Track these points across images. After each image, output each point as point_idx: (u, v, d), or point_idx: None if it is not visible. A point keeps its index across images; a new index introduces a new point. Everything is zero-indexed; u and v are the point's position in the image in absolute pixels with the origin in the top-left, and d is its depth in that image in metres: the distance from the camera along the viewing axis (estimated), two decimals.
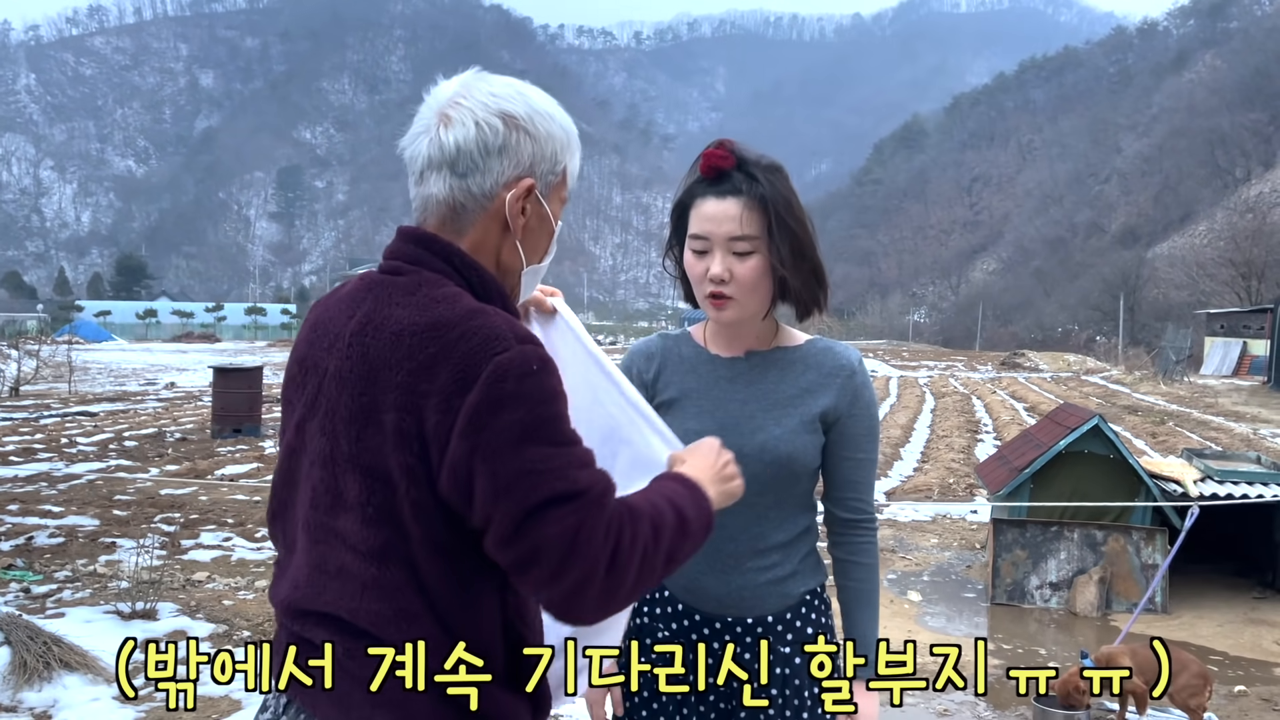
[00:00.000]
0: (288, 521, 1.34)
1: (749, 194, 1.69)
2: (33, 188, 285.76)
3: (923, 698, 4.55)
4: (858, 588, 1.85)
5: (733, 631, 1.78)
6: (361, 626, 1.23)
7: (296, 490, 1.31)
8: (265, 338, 68.68)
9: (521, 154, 1.31)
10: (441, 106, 1.31)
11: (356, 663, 1.23)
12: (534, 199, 1.33)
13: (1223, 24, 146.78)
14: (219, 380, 13.66)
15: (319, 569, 1.25)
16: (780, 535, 1.79)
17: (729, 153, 1.70)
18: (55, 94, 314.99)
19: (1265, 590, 6.39)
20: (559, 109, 1.37)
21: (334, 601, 1.24)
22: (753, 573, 1.77)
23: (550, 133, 1.34)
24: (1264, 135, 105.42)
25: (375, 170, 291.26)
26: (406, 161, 1.34)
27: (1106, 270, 75.95)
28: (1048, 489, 6.15)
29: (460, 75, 1.35)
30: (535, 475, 1.14)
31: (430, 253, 1.29)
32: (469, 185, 1.30)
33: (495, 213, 1.31)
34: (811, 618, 1.82)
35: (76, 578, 6.10)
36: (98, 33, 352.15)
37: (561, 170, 1.37)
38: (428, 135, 1.31)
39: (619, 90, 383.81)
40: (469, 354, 1.16)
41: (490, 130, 1.29)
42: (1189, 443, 13.65)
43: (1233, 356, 38.20)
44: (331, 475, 1.23)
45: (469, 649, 1.23)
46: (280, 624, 1.35)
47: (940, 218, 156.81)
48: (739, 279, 1.70)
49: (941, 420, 17.21)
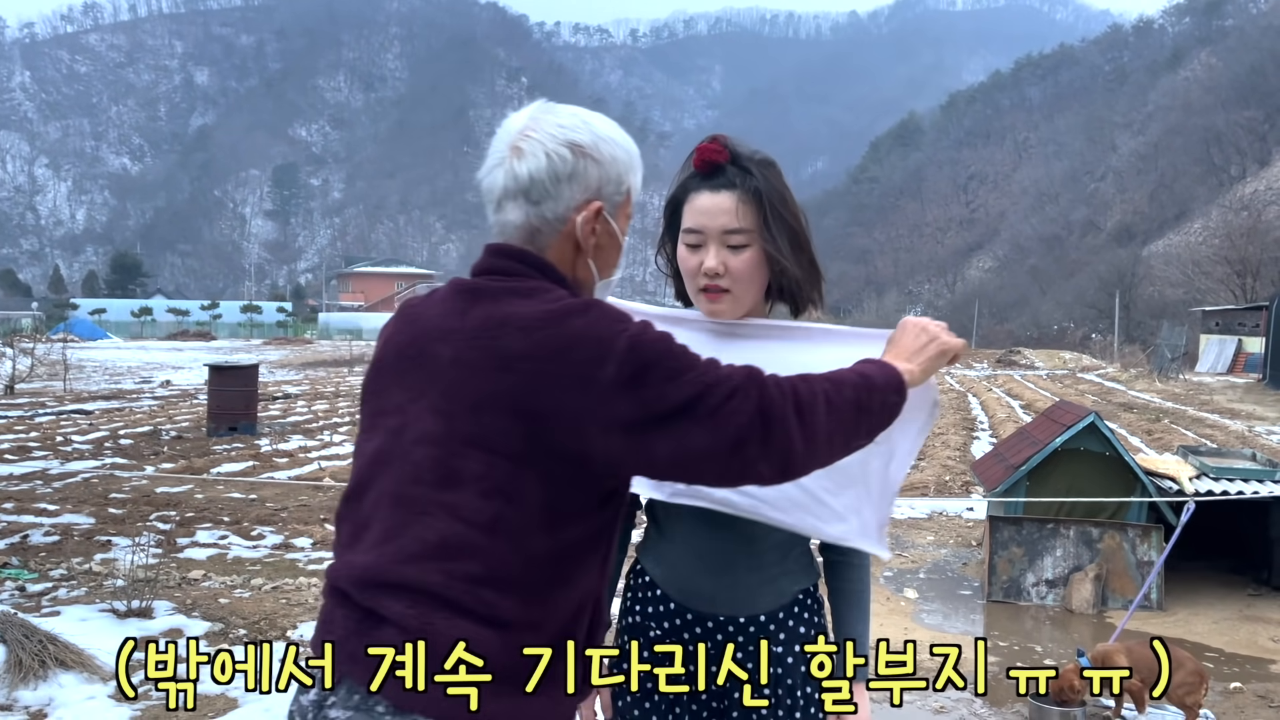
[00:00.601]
0: (364, 500, 1.40)
1: (743, 187, 1.69)
2: (27, 185, 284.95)
3: (919, 695, 4.55)
4: (851, 589, 1.84)
5: (725, 630, 1.77)
6: (449, 596, 1.30)
7: (386, 469, 1.38)
8: (261, 336, 68.54)
9: (589, 179, 1.44)
10: (513, 139, 1.43)
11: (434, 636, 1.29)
12: (602, 219, 1.46)
13: (1218, 22, 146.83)
14: (215, 378, 13.64)
15: (417, 539, 1.32)
16: (773, 534, 1.78)
17: (723, 147, 1.71)
18: (50, 91, 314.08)
19: (1261, 587, 6.41)
20: (620, 131, 1.49)
21: (430, 569, 1.31)
22: (745, 571, 1.76)
23: (614, 156, 1.46)
24: (1259, 133, 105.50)
25: (371, 168, 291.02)
26: (484, 191, 1.46)
27: (1102, 268, 76.01)
28: (1044, 486, 6.15)
29: (528, 108, 1.47)
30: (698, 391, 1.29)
31: (527, 265, 1.41)
32: (543, 211, 1.42)
33: (568, 234, 1.44)
34: (805, 616, 1.82)
35: (72, 576, 6.09)
36: (92, 30, 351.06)
37: (626, 190, 1.49)
38: (502, 167, 1.43)
39: (615, 88, 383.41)
40: (599, 335, 1.29)
41: (560, 160, 1.41)
42: (1184, 440, 13.67)
43: (1228, 354, 38.24)
44: (445, 452, 1.32)
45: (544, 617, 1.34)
46: (339, 600, 1.38)
47: (936, 216, 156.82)
48: (734, 272, 1.70)
49: (937, 417, 17.21)
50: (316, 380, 26.04)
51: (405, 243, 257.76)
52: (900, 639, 5.33)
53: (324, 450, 12.15)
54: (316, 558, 6.87)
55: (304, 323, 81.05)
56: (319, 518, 8.14)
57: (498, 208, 1.45)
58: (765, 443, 1.31)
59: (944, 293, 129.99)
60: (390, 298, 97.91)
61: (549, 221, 1.43)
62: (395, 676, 1.30)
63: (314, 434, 13.80)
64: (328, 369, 31.74)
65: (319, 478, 10.03)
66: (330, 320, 74.97)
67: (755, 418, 1.31)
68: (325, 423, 15.27)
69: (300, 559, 6.82)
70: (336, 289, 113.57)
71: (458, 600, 1.31)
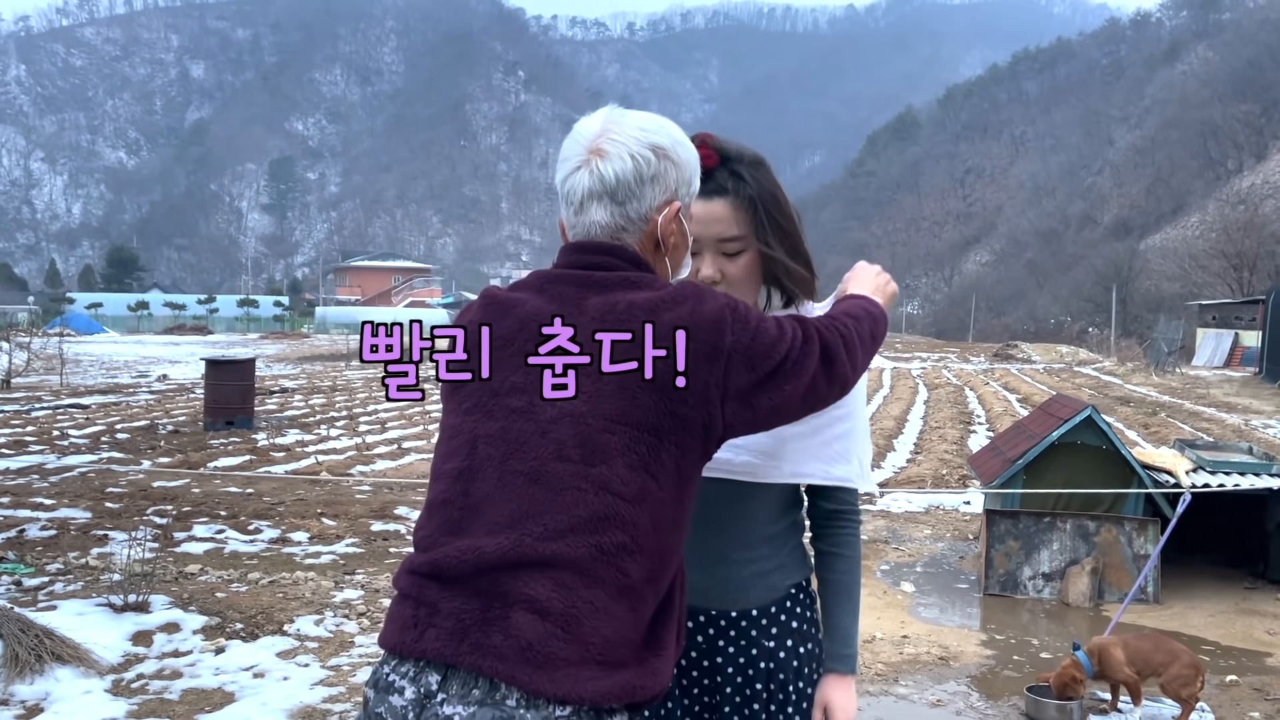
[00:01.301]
0: (479, 482, 1.41)
1: (736, 193, 1.68)
2: (23, 179, 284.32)
3: (915, 688, 4.56)
4: (840, 580, 1.83)
5: (717, 625, 1.77)
6: (594, 570, 1.34)
7: (514, 449, 1.40)
8: (258, 330, 68.44)
9: (669, 180, 1.50)
10: (591, 143, 1.48)
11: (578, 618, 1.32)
12: (680, 219, 1.53)
13: (1215, 15, 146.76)
14: (211, 372, 13.63)
15: (564, 513, 1.35)
16: (767, 528, 1.78)
17: (711, 150, 1.68)
18: (45, 85, 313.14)
19: (1256, 580, 6.42)
20: (685, 136, 1.57)
21: (579, 543, 1.34)
22: (738, 565, 1.76)
23: (688, 159, 1.53)
24: (1256, 127, 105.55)
25: (368, 162, 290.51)
26: (564, 193, 1.51)
27: (1099, 262, 76.08)
28: (1040, 480, 6.16)
29: (601, 111, 1.53)
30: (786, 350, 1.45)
31: (624, 260, 1.48)
32: (628, 211, 1.48)
33: (650, 233, 1.50)
34: (797, 611, 1.81)
35: (68, 570, 6.09)
36: (88, 23, 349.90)
37: (694, 192, 1.57)
38: (586, 169, 1.48)
39: (612, 82, 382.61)
40: (714, 312, 1.41)
41: (644, 161, 1.47)
42: (1181, 434, 13.69)
43: (1224, 348, 38.28)
44: (592, 429, 1.37)
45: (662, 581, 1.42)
46: (443, 588, 1.37)
47: (933, 209, 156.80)
48: (730, 278, 1.70)
49: (934, 411, 17.23)
50: (313, 374, 26.02)
51: (402, 236, 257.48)
52: (897, 632, 5.34)
53: (321, 444, 12.14)
54: (313, 552, 6.87)
55: (301, 317, 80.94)
56: (316, 512, 8.14)
57: (580, 209, 1.50)
58: (830, 378, 1.50)
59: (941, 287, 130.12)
60: (387, 291, 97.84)
61: (633, 221, 1.49)
62: (533, 665, 1.29)
63: (311, 428, 13.79)
64: (325, 363, 31.71)
65: (316, 472, 10.03)
66: (327, 314, 74.79)
67: (820, 360, 1.48)
68: (322, 417, 15.26)
69: (297, 553, 6.82)
70: (333, 283, 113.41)
71: (601, 574, 1.34)
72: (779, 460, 1.74)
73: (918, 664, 4.87)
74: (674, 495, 1.41)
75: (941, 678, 4.70)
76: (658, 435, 1.38)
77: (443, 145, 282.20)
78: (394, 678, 1.36)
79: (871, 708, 4.31)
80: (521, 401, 1.42)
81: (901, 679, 4.66)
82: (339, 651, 4.80)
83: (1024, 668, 4.89)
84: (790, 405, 1.48)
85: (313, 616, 5.27)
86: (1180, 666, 4.03)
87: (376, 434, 13.17)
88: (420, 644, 1.34)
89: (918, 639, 5.24)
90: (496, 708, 1.29)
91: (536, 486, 1.37)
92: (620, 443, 1.37)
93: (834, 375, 1.51)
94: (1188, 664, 4.04)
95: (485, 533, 1.37)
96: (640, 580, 1.38)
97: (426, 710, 1.31)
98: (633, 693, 1.34)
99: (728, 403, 1.41)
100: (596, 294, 1.44)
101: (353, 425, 14.19)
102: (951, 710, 4.33)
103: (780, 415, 1.49)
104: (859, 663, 4.78)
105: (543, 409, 1.40)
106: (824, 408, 1.57)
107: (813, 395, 1.50)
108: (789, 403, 1.47)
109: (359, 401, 18.04)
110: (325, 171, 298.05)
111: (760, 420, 1.47)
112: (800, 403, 1.49)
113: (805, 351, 1.47)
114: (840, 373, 1.52)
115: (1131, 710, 4.26)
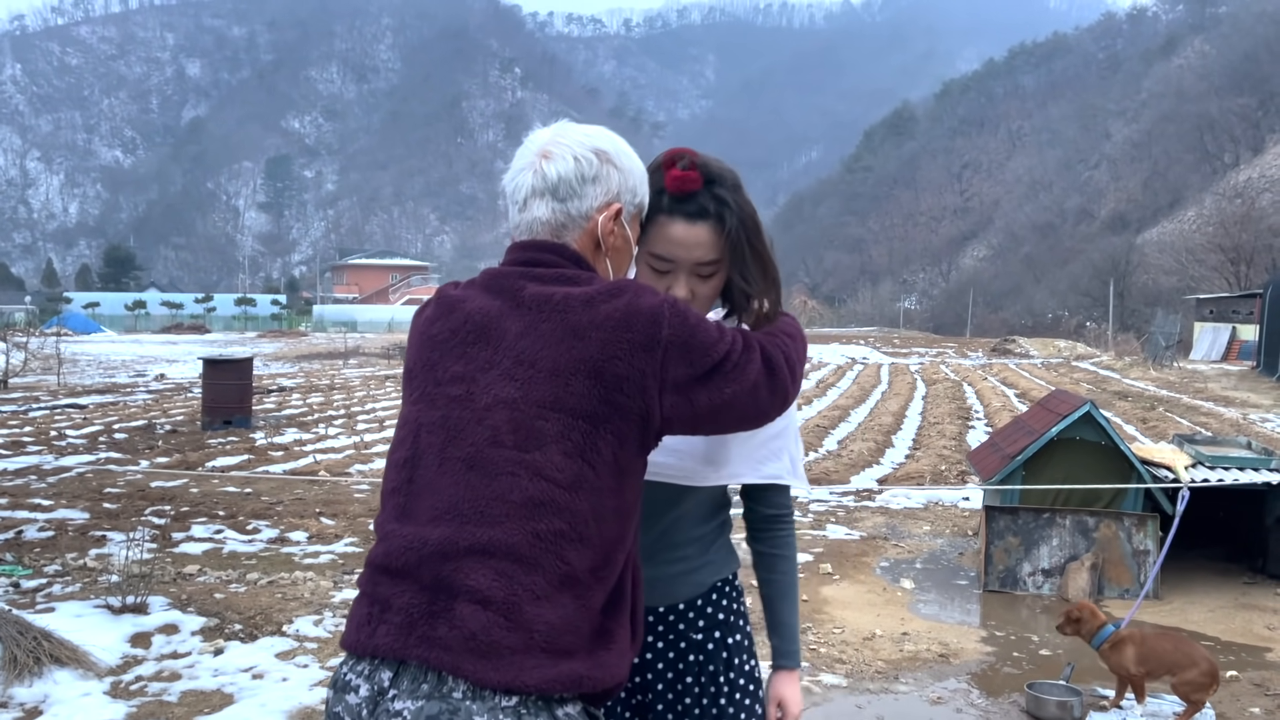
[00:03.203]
0: (420, 469, 1.45)
1: (719, 218, 1.69)
2: (19, 179, 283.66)
3: (916, 685, 4.56)
4: (781, 580, 1.90)
5: (645, 620, 1.77)
6: (533, 556, 1.35)
7: (452, 436, 1.44)
8: (255, 328, 68.35)
9: (610, 183, 1.56)
10: (540, 148, 1.56)
11: (518, 605, 1.33)
12: (620, 222, 1.58)
13: (1211, 9, 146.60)
14: (209, 371, 13.60)
15: (500, 500, 1.37)
16: (695, 530, 1.81)
17: (698, 174, 1.69)
18: (41, 84, 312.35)
19: (1256, 575, 6.42)
20: (633, 151, 1.63)
21: (514, 529, 1.36)
22: (665, 564, 1.78)
23: (632, 167, 1.60)
24: (1252, 121, 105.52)
25: (364, 160, 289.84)
26: (510, 194, 1.59)
27: (1096, 256, 76.05)
28: (1040, 476, 6.16)
29: (553, 125, 1.61)
30: (726, 350, 1.48)
31: (564, 257, 1.53)
32: (569, 208, 1.55)
33: (590, 231, 1.56)
34: (723, 604, 1.84)
35: (66, 572, 6.07)
36: (83, 22, 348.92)
37: (639, 202, 1.63)
38: (531, 169, 1.55)
39: (608, 78, 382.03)
40: (651, 306, 1.44)
41: (586, 162, 1.54)
42: (1179, 428, 13.70)
43: (1222, 341, 38.31)
44: (526, 415, 1.40)
45: (609, 573, 1.43)
46: (394, 580, 1.39)
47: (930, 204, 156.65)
48: (701, 298, 1.73)
49: (933, 407, 17.23)
50: (311, 373, 25.99)
51: (399, 234, 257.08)
52: (897, 630, 5.33)
53: (319, 443, 12.12)
54: (312, 551, 6.86)
55: (298, 315, 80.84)
56: (314, 511, 8.13)
57: (523, 206, 1.56)
58: (772, 389, 1.54)
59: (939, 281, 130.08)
60: (385, 289, 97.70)
61: (574, 218, 1.54)
62: (477, 655, 1.30)
63: (309, 427, 13.77)
64: (323, 361, 31.68)
65: (314, 471, 10.01)
66: (325, 312, 74.73)
67: (762, 368, 1.52)
68: (320, 416, 15.24)
69: (296, 553, 6.80)
70: (331, 281, 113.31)
71: (540, 560, 1.35)
72: (715, 465, 1.77)
73: (918, 661, 4.87)
74: (613, 485, 1.43)
75: (942, 675, 4.70)
76: (593, 422, 1.40)
77: (439, 142, 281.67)
78: (350, 676, 1.38)
79: (872, 705, 4.31)
80: (460, 390, 1.46)
81: (902, 676, 4.65)
82: (338, 652, 4.78)
83: (1024, 664, 4.89)
84: (732, 410, 1.50)
85: (312, 617, 5.26)
86: (1198, 673, 4.03)
87: (375, 433, 13.16)
88: (373, 641, 1.36)
89: (918, 636, 5.24)
90: (444, 700, 1.29)
91: (473, 472, 1.40)
92: (555, 429, 1.39)
93: (776, 386, 1.54)
94: (1205, 671, 4.03)
95: (428, 519, 1.40)
96: (584, 570, 1.38)
97: (379, 706, 1.33)
98: (580, 683, 1.35)
99: (665, 395, 1.44)
100: (535, 286, 1.48)
101: (351, 424, 14.17)
102: (952, 707, 4.33)
103: (721, 419, 1.52)
104: (859, 660, 4.78)
105: (479, 396, 1.44)
106: (766, 422, 1.59)
107: (754, 404, 1.52)
108: (730, 406, 1.49)
109: (357, 400, 18.02)
110: (322, 169, 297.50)
111: (700, 419, 1.49)
112: (742, 409, 1.51)
113: (746, 358, 1.50)
114: (782, 385, 1.56)
115: (1133, 707, 4.26)
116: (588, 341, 1.41)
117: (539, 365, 1.42)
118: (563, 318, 1.43)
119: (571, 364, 1.41)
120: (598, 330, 1.41)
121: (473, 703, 1.29)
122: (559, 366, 1.41)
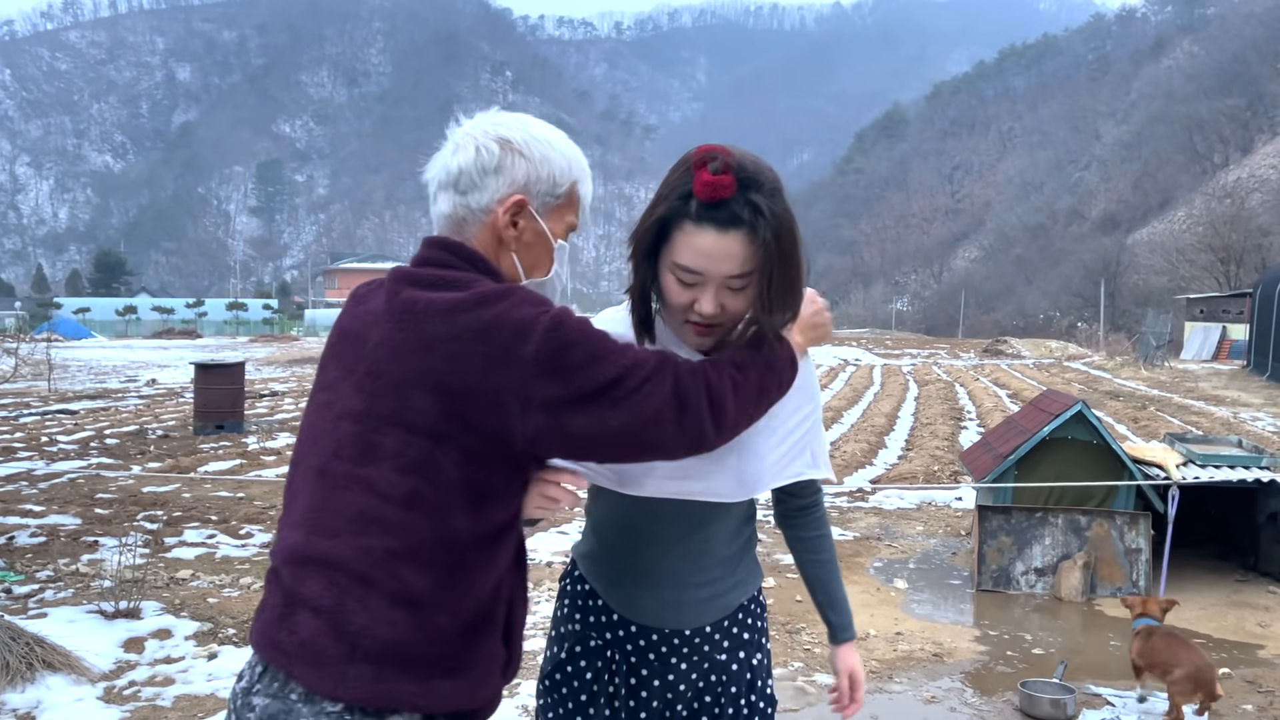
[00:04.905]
0: (295, 475, 1.45)
1: (754, 228, 1.46)
2: (9, 184, 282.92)
3: (910, 684, 4.56)
4: (827, 559, 1.89)
5: (670, 642, 1.75)
6: (364, 571, 1.31)
7: (314, 444, 1.42)
8: (247, 333, 68.20)
9: (515, 174, 1.46)
10: (453, 137, 1.49)
11: (345, 616, 1.31)
12: (526, 214, 1.47)
13: (1200, 10, 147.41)
14: (201, 376, 13.56)
15: (337, 513, 1.35)
16: (725, 549, 1.76)
17: (732, 179, 1.45)
18: (31, 89, 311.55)
19: (1248, 573, 6.45)
20: (564, 140, 1.52)
21: (347, 544, 1.33)
22: (693, 589, 1.73)
23: (546, 157, 1.48)
24: (1241, 121, 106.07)
25: (355, 164, 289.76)
26: (426, 186, 1.52)
27: (1087, 257, 76.42)
28: (1032, 475, 6.17)
29: (481, 112, 1.52)
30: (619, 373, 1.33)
31: (459, 257, 1.44)
32: (469, 201, 1.46)
33: (491, 225, 1.47)
34: (748, 622, 1.81)
35: (59, 577, 6.05)
36: (72, 26, 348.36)
37: (564, 194, 1.51)
38: (440, 161, 1.49)
39: (600, 81, 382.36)
40: (519, 317, 1.32)
41: (487, 153, 1.45)
42: (1170, 427, 13.74)
43: (1212, 341, 38.49)
44: (366, 429, 1.35)
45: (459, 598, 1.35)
46: (273, 581, 1.40)
47: (922, 206, 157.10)
48: (730, 312, 1.54)
49: (925, 408, 17.26)
50: (303, 377, 25.93)
51: (391, 238, 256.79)
52: (891, 629, 5.34)
53: None
54: None
55: (290, 320, 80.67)
56: None
57: (434, 200, 1.50)
58: (679, 424, 1.37)
59: (930, 283, 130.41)
60: None
61: (474, 212, 1.46)
62: (305, 662, 1.31)
63: None
64: (314, 366, 31.59)
65: None
66: (316, 317, 74.61)
67: (670, 400, 1.36)
68: None
69: None
70: (322, 285, 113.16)
71: (372, 576, 1.32)
72: (745, 483, 1.67)
73: (912, 661, 4.88)
74: (463, 505, 1.34)
75: (935, 674, 4.71)
76: (434, 439, 1.32)
77: (431, 146, 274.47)
78: (244, 669, 1.42)
79: (867, 705, 4.31)
80: (325, 397, 1.44)
81: (896, 676, 4.66)
82: None
83: (1017, 663, 4.90)
84: (617, 440, 1.35)
85: None
86: (1180, 675, 4.09)
87: None
88: (252, 638, 1.39)
89: (911, 635, 5.25)
90: (283, 701, 1.32)
91: (321, 482, 1.38)
92: (392, 444, 1.33)
93: (685, 426, 1.37)
94: (1187, 675, 4.07)
95: (291, 524, 1.41)
96: (425, 590, 1.33)
97: (246, 699, 1.36)
98: (404, 703, 1.32)
99: (531, 414, 1.32)
100: (408, 291, 1.39)
101: None
102: (946, 707, 4.34)
103: (603, 448, 1.37)
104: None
105: (335, 405, 1.41)
106: (665, 458, 1.44)
107: (647, 441, 1.37)
108: (614, 436, 1.34)
109: None
110: (313, 174, 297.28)
111: (576, 445, 1.36)
112: (631, 441, 1.36)
113: (649, 388, 1.34)
114: (693, 425, 1.38)
115: (1124, 703, 4.29)
116: (435, 355, 1.32)
117: (385, 377, 1.35)
118: (418, 328, 1.34)
119: (414, 377, 1.33)
120: (449, 343, 1.31)
121: (304, 705, 1.31)
122: (402, 379, 1.33)
